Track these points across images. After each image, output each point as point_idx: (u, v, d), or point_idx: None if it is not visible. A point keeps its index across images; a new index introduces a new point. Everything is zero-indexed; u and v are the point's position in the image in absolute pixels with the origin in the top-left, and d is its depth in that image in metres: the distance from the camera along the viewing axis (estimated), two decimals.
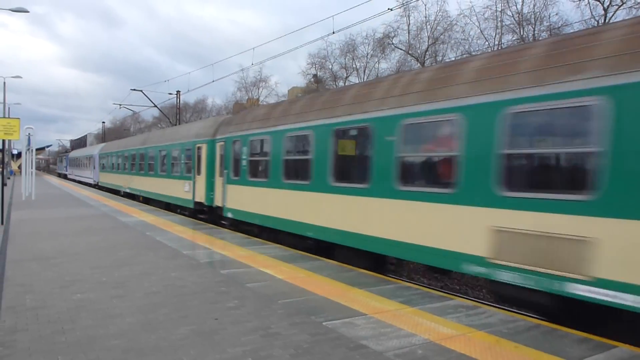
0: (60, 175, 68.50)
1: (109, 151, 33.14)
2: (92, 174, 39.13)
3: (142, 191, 23.59)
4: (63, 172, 64.06)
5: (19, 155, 60.88)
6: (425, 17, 30.93)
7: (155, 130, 30.15)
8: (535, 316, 6.33)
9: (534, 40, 8.68)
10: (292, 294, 6.52)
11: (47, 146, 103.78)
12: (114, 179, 30.32)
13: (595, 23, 21.96)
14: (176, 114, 40.22)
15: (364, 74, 36.15)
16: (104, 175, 34.11)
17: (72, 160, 56.22)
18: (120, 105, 42.87)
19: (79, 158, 49.76)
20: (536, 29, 25.26)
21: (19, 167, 61.65)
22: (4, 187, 18.62)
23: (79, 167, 48.66)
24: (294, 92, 47.28)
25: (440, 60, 29.00)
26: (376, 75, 33.93)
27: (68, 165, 59.34)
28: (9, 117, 16.49)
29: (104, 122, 75.56)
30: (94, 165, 38.67)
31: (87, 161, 42.51)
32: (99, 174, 36.35)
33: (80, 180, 46.75)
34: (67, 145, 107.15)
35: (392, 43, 32.87)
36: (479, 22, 27.73)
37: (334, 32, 26.82)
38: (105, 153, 34.17)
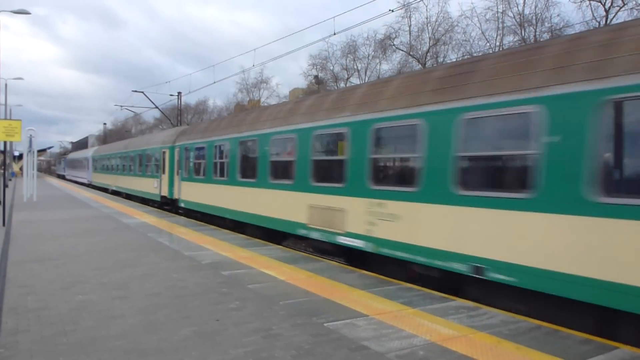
0: (59, 176, 71.43)
1: (99, 154, 37.34)
2: (87, 175, 42.78)
3: (124, 188, 27.44)
4: (61, 173, 67.75)
5: (20, 157, 60.94)
6: (427, 18, 31.04)
7: (135, 137, 35.86)
8: (536, 318, 6.32)
9: (486, 54, 10.66)
10: (293, 295, 6.53)
11: (49, 148, 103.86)
12: (104, 179, 34.35)
13: (597, 24, 21.96)
14: (177, 115, 40.27)
15: (365, 75, 36.19)
16: (96, 175, 37.97)
17: (69, 162, 60.23)
18: (121, 106, 42.93)
19: (75, 160, 54.04)
20: (537, 30, 25.27)
21: (21, 168, 61.79)
22: (6, 188, 18.66)
23: (75, 168, 52.58)
24: (295, 94, 47.30)
25: (442, 61, 29.00)
26: (377, 76, 33.94)
27: (66, 166, 63.29)
28: (10, 119, 16.52)
29: (105, 124, 75.89)
30: (87, 167, 42.43)
31: (82, 163, 46.57)
32: (92, 175, 40.12)
33: (76, 180, 50.12)
34: (69, 146, 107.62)
35: (394, 44, 32.94)
36: (480, 23, 27.83)
37: (335, 33, 26.75)
38: (97, 156, 38.26)
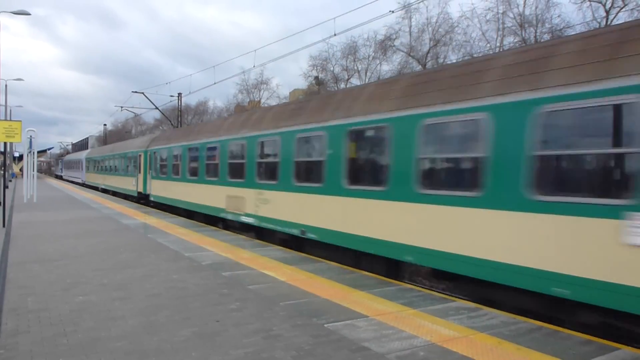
0: (56, 176, 75.18)
1: (91, 156, 42.24)
2: (81, 175, 46.87)
3: (111, 186, 31.51)
4: (59, 174, 71.57)
5: (20, 157, 60.98)
6: (427, 19, 31.02)
7: (119, 142, 39.16)
8: (536, 319, 6.31)
9: (443, 65, 12.35)
10: (293, 296, 6.52)
11: (49, 149, 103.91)
12: (95, 178, 38.56)
13: (597, 25, 21.96)
14: (178, 116, 40.29)
15: (366, 76, 36.20)
16: (89, 175, 42.39)
17: (65, 163, 64.77)
18: (121, 107, 42.96)
19: (71, 161, 58.71)
20: (538, 30, 25.27)
21: (21, 169, 61.89)
22: (6, 189, 18.66)
23: (71, 169, 57.10)
24: (296, 94, 47.30)
25: (442, 62, 29.00)
26: (378, 77, 33.94)
27: (63, 167, 67.39)
28: (10, 120, 16.53)
29: (105, 125, 75.73)
30: (81, 168, 46.66)
31: (77, 164, 51.00)
32: (85, 175, 44.33)
33: (72, 180, 54.20)
34: (69, 147, 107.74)
35: (394, 45, 32.93)
36: (480, 24, 27.79)
37: (335, 34, 26.81)
38: (89, 158, 43.05)
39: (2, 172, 19.77)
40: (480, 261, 6.37)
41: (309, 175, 10.10)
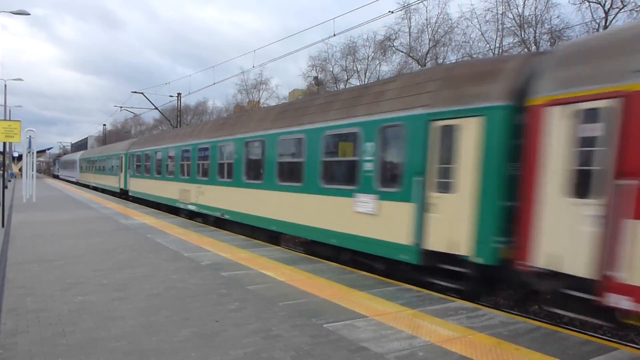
0: (54, 176, 78.34)
1: (84, 157, 46.68)
2: (75, 174, 50.77)
3: (99, 184, 36.27)
4: (56, 174, 75.21)
5: (19, 157, 60.94)
6: (427, 19, 30.95)
7: (106, 145, 44.70)
8: (536, 318, 6.33)
9: (342, 90, 17.72)
10: (293, 296, 6.53)
11: (48, 149, 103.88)
12: (87, 177, 42.83)
13: (596, 26, 21.99)
14: (177, 116, 40.28)
15: (365, 77, 36.20)
16: (82, 174, 46.53)
17: (62, 164, 68.80)
18: (121, 107, 42.91)
19: (66, 162, 62.93)
20: (537, 31, 25.29)
21: (20, 169, 61.89)
22: (5, 189, 18.64)
23: (66, 169, 61.16)
24: (295, 95, 47.31)
25: (442, 62, 29.01)
26: (377, 78, 33.96)
27: (59, 167, 71.26)
28: (10, 120, 16.52)
29: (104, 125, 75.68)
30: (76, 168, 50.51)
31: (72, 164, 54.96)
32: (79, 174, 48.16)
33: (67, 179, 58.19)
34: (69, 147, 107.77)
35: (393, 45, 32.90)
36: (480, 25, 27.74)
37: (334, 35, 26.73)
38: (82, 158, 47.40)
39: (1, 172, 19.76)
40: (306, 227, 10.34)
41: (225, 173, 14.14)
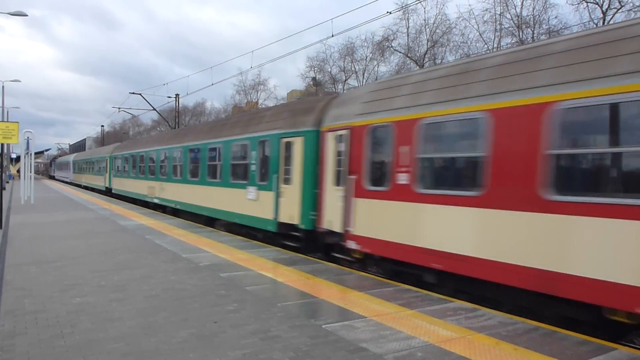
0: (50, 177, 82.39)
1: (77, 159, 51.17)
2: (69, 175, 54.93)
3: (88, 183, 40.45)
4: (52, 174, 79.18)
5: (17, 159, 60.83)
6: (425, 20, 31.06)
7: (95, 149, 49.67)
8: (534, 318, 6.33)
9: (243, 113, 24.05)
10: (291, 297, 6.53)
11: (46, 150, 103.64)
12: (79, 177, 46.88)
13: (594, 26, 22.04)
14: (175, 117, 40.26)
15: (363, 77, 36.24)
16: (75, 175, 50.58)
17: (57, 165, 73.08)
18: (119, 108, 42.94)
19: (61, 163, 67.35)
20: (535, 31, 25.34)
21: (18, 171, 61.88)
22: (3, 191, 18.59)
23: (61, 170, 65.24)
24: (293, 95, 47.31)
25: (440, 63, 29.04)
26: (375, 78, 33.97)
27: (55, 168, 75.24)
28: (7, 121, 16.48)
29: (102, 126, 75.63)
30: (69, 169, 54.72)
31: (66, 166, 59.21)
32: (72, 175, 52.19)
33: (62, 180, 62.14)
34: (67, 148, 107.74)
35: (392, 46, 32.98)
36: (478, 25, 27.83)
37: (333, 35, 26.87)
38: (75, 160, 51.89)
39: None
40: (223, 211, 14.10)
41: (178, 173, 18.19)
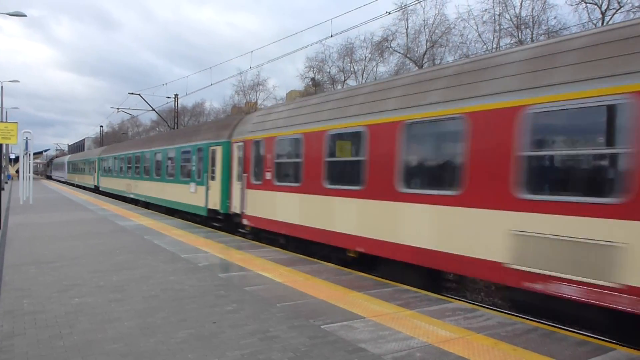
0: (47, 177, 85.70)
1: (71, 160, 55.82)
2: (64, 175, 59.20)
3: (81, 182, 44.71)
4: (49, 174, 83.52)
5: (16, 159, 60.84)
6: (424, 20, 31.02)
7: (87, 151, 55.54)
8: (533, 319, 6.34)
9: (188, 127, 33.78)
10: (290, 298, 6.52)
11: (45, 150, 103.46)
12: (72, 177, 51.64)
13: (593, 26, 22.06)
14: (174, 117, 40.24)
15: (362, 77, 36.23)
16: (69, 175, 55.16)
17: (54, 165, 77.64)
18: (118, 109, 42.93)
19: (58, 164, 71.71)
20: (534, 32, 25.35)
21: (17, 171, 61.81)
22: (2, 191, 18.57)
23: (58, 170, 69.56)
24: (292, 96, 47.30)
25: (439, 63, 29.04)
26: (374, 79, 33.97)
27: (52, 169, 79.31)
28: (6, 122, 16.47)
29: (101, 126, 75.63)
30: (65, 169, 58.96)
31: (62, 166, 63.30)
32: (67, 175, 56.61)
33: (58, 179, 66.38)
34: (66, 149, 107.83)
35: (391, 46, 32.96)
36: (477, 26, 27.80)
37: (332, 35, 26.86)
38: (70, 161, 56.51)
39: None
40: (176, 202, 17.90)
41: (147, 172, 22.19)
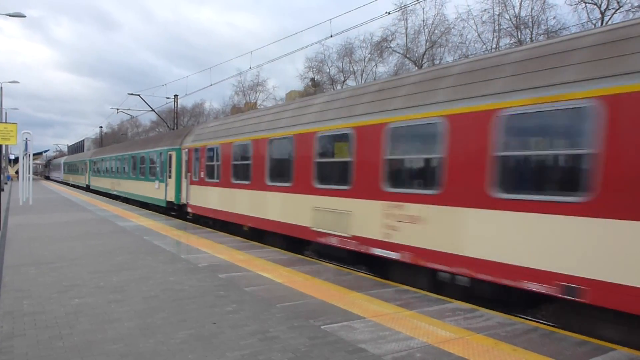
0: (46, 177, 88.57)
1: (67, 161, 59.51)
2: (60, 175, 62.44)
3: (75, 181, 48.40)
4: (47, 175, 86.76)
5: (16, 160, 60.85)
6: (423, 20, 31.12)
7: (80, 153, 59.39)
8: (533, 319, 6.34)
9: (157, 134, 38.98)
10: (290, 298, 6.52)
11: (45, 151, 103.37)
12: (67, 177, 55.62)
13: (592, 26, 22.08)
14: (174, 118, 40.24)
15: (362, 78, 36.26)
16: (65, 175, 58.55)
17: (52, 166, 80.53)
18: (117, 109, 42.94)
19: (55, 165, 74.94)
20: (533, 32, 25.39)
21: (16, 172, 61.82)
22: (1, 192, 18.57)
23: (55, 171, 72.69)
24: (292, 96, 47.31)
25: (438, 63, 29.05)
26: (373, 79, 33.97)
27: (50, 169, 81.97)
28: (6, 122, 16.47)
29: (101, 127, 75.62)
30: (61, 170, 62.25)
31: (59, 167, 66.66)
32: (63, 175, 59.98)
33: (55, 179, 69.46)
34: (65, 149, 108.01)
35: (390, 47, 33.02)
36: (476, 26, 27.88)
37: (331, 36, 26.92)
38: (65, 162, 60.15)
39: None
40: (145, 196, 22.51)
41: (125, 172, 25.87)
